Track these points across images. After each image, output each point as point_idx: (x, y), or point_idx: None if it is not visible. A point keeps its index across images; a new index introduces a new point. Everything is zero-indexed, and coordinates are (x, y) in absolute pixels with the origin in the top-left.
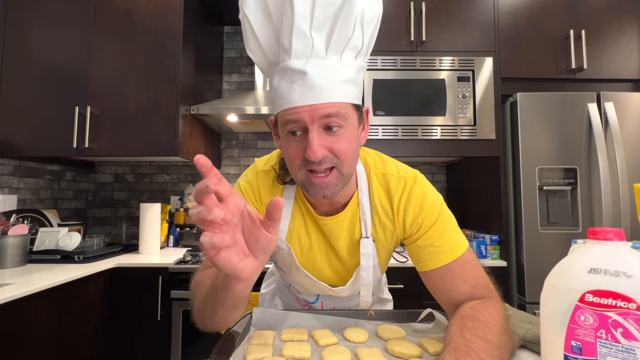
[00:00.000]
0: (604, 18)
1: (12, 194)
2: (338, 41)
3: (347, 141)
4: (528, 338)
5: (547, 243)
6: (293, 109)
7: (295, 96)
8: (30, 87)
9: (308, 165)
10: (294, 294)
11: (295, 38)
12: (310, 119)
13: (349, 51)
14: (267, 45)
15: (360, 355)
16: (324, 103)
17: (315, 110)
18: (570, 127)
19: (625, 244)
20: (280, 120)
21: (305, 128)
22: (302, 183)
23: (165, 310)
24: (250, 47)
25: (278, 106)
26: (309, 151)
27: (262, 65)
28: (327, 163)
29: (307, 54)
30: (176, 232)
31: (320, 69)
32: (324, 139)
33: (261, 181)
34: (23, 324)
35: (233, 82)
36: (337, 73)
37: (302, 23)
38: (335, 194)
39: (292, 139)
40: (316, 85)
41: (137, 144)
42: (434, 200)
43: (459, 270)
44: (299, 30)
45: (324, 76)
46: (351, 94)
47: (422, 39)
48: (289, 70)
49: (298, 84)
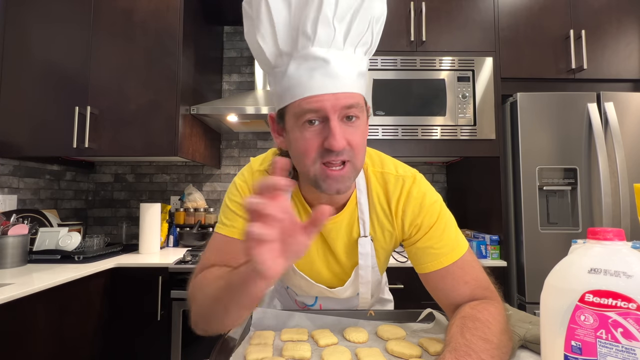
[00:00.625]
0: (604, 18)
1: (12, 194)
2: (355, 34)
3: (362, 134)
4: (528, 338)
5: (547, 243)
6: (314, 97)
7: (317, 84)
8: (30, 87)
9: (325, 157)
10: (292, 296)
11: (321, 25)
12: (332, 108)
13: (361, 46)
14: (282, 33)
15: (360, 355)
16: (346, 92)
17: (338, 100)
18: (570, 127)
19: (625, 244)
20: (294, 110)
21: (325, 117)
22: (315, 177)
23: (165, 310)
24: (261, 33)
25: (294, 95)
26: (332, 140)
27: (269, 54)
28: (344, 155)
29: (329, 42)
30: (176, 232)
31: (341, 59)
32: (342, 130)
33: (257, 181)
34: (23, 324)
35: (233, 82)
36: (354, 65)
37: (328, 11)
38: (348, 189)
39: (308, 129)
40: (339, 74)
41: (137, 144)
42: (434, 201)
43: (459, 272)
44: (325, 18)
45: (345, 66)
46: (363, 88)
47: (422, 39)
48: (310, 57)
49: (320, 72)
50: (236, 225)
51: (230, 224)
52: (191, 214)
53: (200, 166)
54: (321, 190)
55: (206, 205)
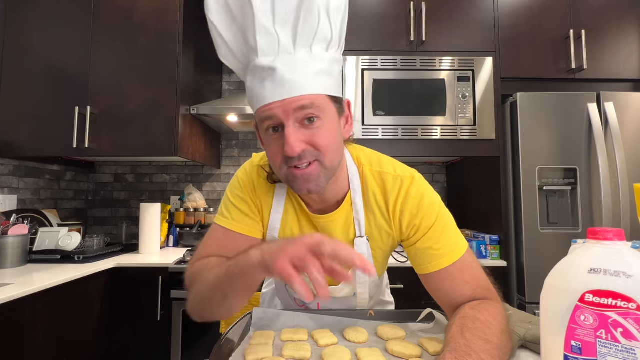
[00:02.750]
0: (604, 18)
1: (12, 194)
2: (305, 34)
3: (327, 133)
4: (528, 338)
5: (547, 243)
6: (266, 106)
7: (267, 93)
8: (31, 87)
9: (289, 161)
10: (291, 294)
11: (260, 35)
12: (284, 113)
13: (318, 43)
14: (237, 48)
15: (360, 355)
16: (295, 96)
17: (287, 105)
18: (570, 127)
19: (625, 244)
20: (257, 119)
21: (281, 124)
22: (286, 180)
23: (165, 310)
24: (222, 54)
25: (253, 106)
26: (287, 147)
27: (237, 70)
28: (308, 157)
29: (274, 50)
30: (176, 232)
31: (290, 63)
32: (301, 133)
33: (255, 175)
34: (23, 324)
35: (233, 82)
36: (307, 66)
37: (264, 19)
38: (321, 188)
39: (271, 137)
40: (286, 80)
41: (137, 144)
42: (432, 202)
43: (459, 272)
44: (262, 27)
45: (294, 70)
46: (327, 86)
47: (422, 39)
48: (258, 69)
49: (269, 81)
50: (236, 218)
51: (230, 217)
52: (191, 214)
53: (200, 166)
54: (295, 190)
55: (206, 205)
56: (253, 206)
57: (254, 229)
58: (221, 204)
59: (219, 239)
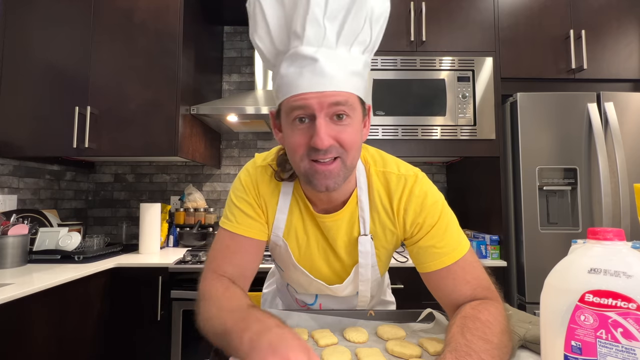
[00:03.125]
0: (604, 18)
1: (12, 194)
2: (348, 33)
3: (353, 132)
4: (528, 338)
5: (547, 243)
6: (301, 95)
7: (305, 82)
8: (31, 87)
9: (312, 154)
10: (292, 294)
11: (309, 24)
12: (318, 106)
13: (357, 45)
14: (277, 32)
15: (360, 355)
16: (333, 91)
17: (324, 98)
18: (570, 127)
19: (625, 244)
20: (285, 107)
21: (312, 116)
22: (305, 173)
23: (165, 310)
24: (259, 34)
25: (285, 93)
26: (316, 138)
27: (267, 53)
28: (333, 153)
29: (319, 41)
30: (176, 232)
31: (331, 57)
32: (330, 128)
33: (259, 176)
34: (23, 324)
35: (233, 82)
36: (346, 64)
37: (317, 10)
38: (338, 186)
39: (297, 127)
40: (326, 73)
41: (137, 144)
42: (435, 200)
43: (461, 271)
44: (314, 17)
45: (334, 65)
46: (358, 87)
47: (422, 39)
48: (299, 56)
49: (308, 70)
50: (240, 221)
51: (235, 220)
52: (191, 214)
53: (200, 166)
54: (311, 186)
55: (206, 205)
56: (257, 207)
57: (259, 231)
58: (225, 207)
59: (229, 246)
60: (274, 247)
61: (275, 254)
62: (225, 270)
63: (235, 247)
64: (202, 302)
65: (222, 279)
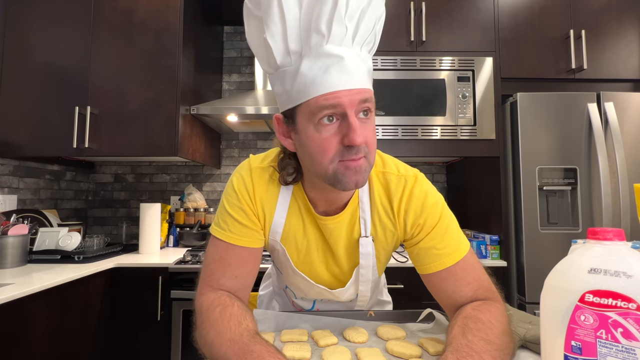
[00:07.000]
0: (604, 18)
1: (12, 194)
2: (361, 33)
3: (373, 130)
4: (528, 338)
5: (547, 243)
6: (331, 93)
7: (333, 80)
8: (30, 87)
9: (345, 155)
10: (290, 297)
11: (336, 23)
12: (349, 103)
13: (366, 45)
14: (292, 31)
15: (360, 356)
16: (361, 88)
17: (354, 95)
18: (570, 127)
19: (625, 244)
20: (310, 108)
21: (342, 114)
22: (335, 174)
23: (165, 310)
24: (272, 31)
25: (309, 92)
26: (353, 135)
27: (277, 53)
28: (362, 151)
29: (341, 40)
30: (176, 232)
31: (352, 55)
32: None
33: (256, 179)
34: (23, 324)
35: (233, 82)
36: (362, 62)
37: (342, 9)
38: (364, 182)
39: (325, 127)
40: (352, 70)
41: (137, 144)
42: (435, 201)
43: (461, 273)
44: (340, 16)
45: (356, 63)
46: (371, 85)
47: (422, 39)
48: (324, 55)
49: (335, 69)
50: (234, 230)
51: (228, 229)
52: (191, 214)
53: (200, 166)
54: (339, 186)
55: (206, 205)
56: (251, 214)
57: (255, 238)
58: (217, 213)
59: (223, 257)
60: (273, 250)
61: (274, 256)
62: (223, 284)
63: (231, 259)
64: (200, 318)
65: (219, 295)
